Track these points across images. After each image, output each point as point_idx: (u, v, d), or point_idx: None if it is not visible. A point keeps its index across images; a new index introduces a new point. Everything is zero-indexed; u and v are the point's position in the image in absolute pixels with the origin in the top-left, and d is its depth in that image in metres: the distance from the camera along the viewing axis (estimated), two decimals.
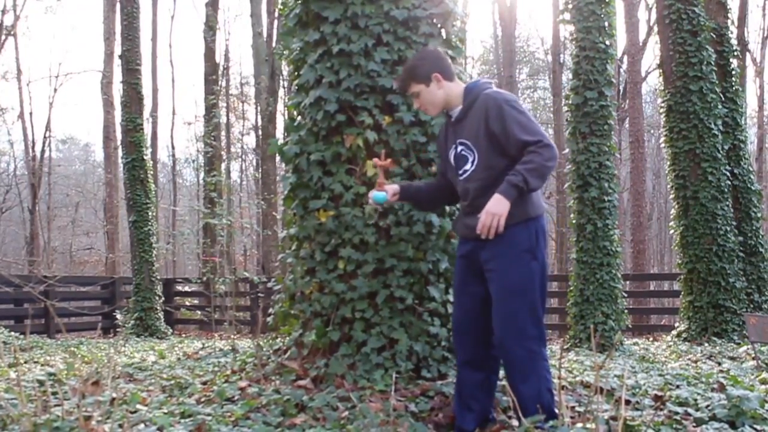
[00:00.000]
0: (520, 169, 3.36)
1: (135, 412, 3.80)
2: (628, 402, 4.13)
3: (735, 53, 11.38)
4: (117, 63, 18.40)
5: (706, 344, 9.62)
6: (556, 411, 3.38)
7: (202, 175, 24.68)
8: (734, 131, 10.96)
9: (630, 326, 10.43)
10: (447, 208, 4.35)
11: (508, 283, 3.45)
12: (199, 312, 16.04)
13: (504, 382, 3.70)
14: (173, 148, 31.96)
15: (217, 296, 8.64)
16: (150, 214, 14.64)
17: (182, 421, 3.60)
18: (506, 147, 3.47)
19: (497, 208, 3.35)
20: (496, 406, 3.89)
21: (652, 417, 3.80)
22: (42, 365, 6.83)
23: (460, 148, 3.63)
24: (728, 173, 10.58)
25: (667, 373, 5.66)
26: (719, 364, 7.34)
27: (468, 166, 3.60)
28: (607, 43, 9.65)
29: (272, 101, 18.83)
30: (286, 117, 4.81)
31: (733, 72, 11.26)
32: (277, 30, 19.93)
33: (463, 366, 3.69)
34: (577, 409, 3.94)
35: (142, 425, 3.48)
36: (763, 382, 5.48)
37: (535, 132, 3.43)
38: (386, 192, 3.77)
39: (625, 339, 10.40)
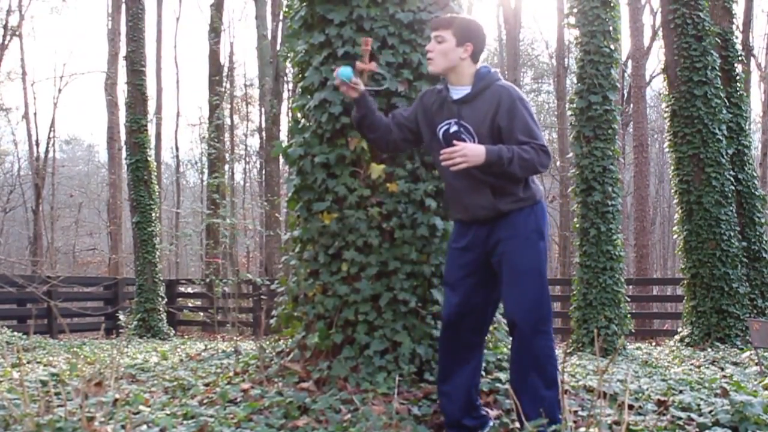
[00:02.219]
0: (516, 149, 3.42)
1: (137, 413, 3.80)
2: (631, 407, 4.12)
3: (740, 58, 11.37)
4: (122, 64, 18.40)
5: (709, 349, 9.60)
6: (559, 416, 3.37)
7: (205, 176, 24.69)
8: (738, 136, 10.95)
9: (633, 330, 10.40)
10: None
11: (522, 264, 3.50)
12: (201, 313, 16.09)
13: (506, 386, 3.69)
14: (177, 149, 31.96)
15: (219, 298, 8.66)
16: (153, 215, 14.65)
17: (185, 422, 3.60)
18: (506, 141, 3.50)
19: (473, 155, 3.40)
20: (499, 408, 3.89)
21: (655, 422, 3.79)
22: (45, 365, 6.84)
23: (456, 128, 3.63)
24: (732, 178, 10.57)
25: (670, 377, 5.65)
26: (722, 369, 7.32)
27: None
28: (612, 47, 9.64)
29: (276, 103, 18.86)
30: (291, 119, 4.82)
31: (738, 77, 11.25)
32: (281, 32, 19.96)
33: (456, 359, 3.70)
34: (580, 413, 3.94)
35: (144, 426, 3.49)
36: (766, 387, 5.47)
37: (540, 137, 3.50)
38: (355, 80, 3.77)
39: (628, 343, 10.38)
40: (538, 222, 3.57)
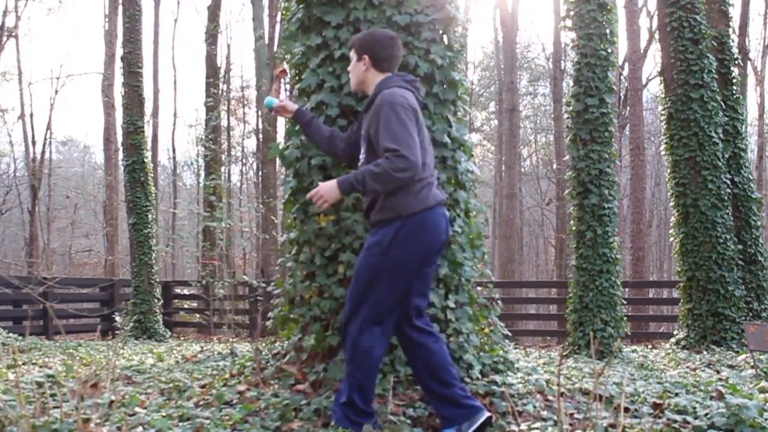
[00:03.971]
0: (365, 169, 3.49)
1: (133, 414, 3.80)
2: (626, 409, 4.13)
3: (736, 61, 11.39)
4: (118, 65, 18.38)
5: (705, 352, 9.61)
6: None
7: (202, 178, 24.70)
8: (735, 139, 10.96)
9: (629, 333, 10.41)
10: (448, 214, 4.35)
11: (355, 270, 3.63)
12: (197, 315, 16.06)
13: (503, 389, 3.69)
14: (174, 150, 31.97)
15: (216, 299, 8.65)
16: (150, 216, 14.63)
17: (180, 424, 3.60)
18: (377, 149, 3.55)
19: (326, 190, 3.60)
20: (496, 410, 3.89)
21: (650, 425, 3.80)
22: (41, 367, 6.83)
23: (357, 134, 3.85)
24: (728, 181, 10.58)
25: (666, 380, 5.66)
26: (718, 372, 7.33)
27: (361, 156, 3.73)
28: (609, 50, 9.66)
29: None
30: (287, 121, 4.81)
31: (734, 80, 11.27)
32: (279, 34, 19.96)
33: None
34: (576, 416, 3.94)
35: (140, 428, 3.49)
36: (762, 390, 5.48)
37: (400, 140, 3.44)
38: (279, 101, 4.03)
39: (624, 346, 10.39)
40: (389, 238, 3.52)
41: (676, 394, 4.76)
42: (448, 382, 3.58)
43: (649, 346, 11.98)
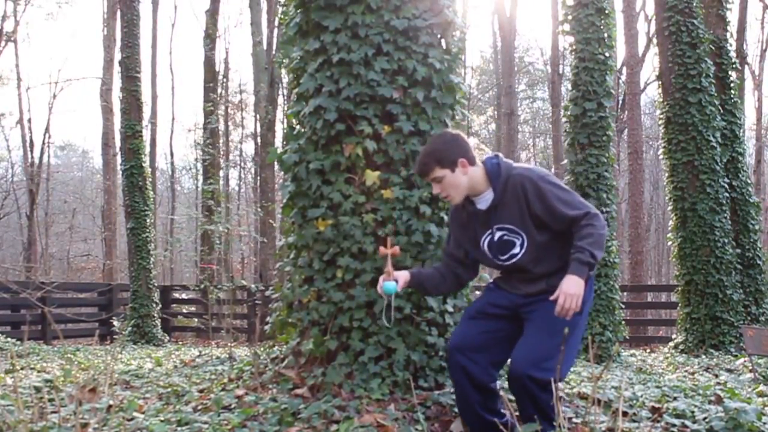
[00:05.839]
0: (583, 245, 3.30)
1: (132, 419, 3.79)
2: (625, 413, 4.12)
3: (734, 66, 11.42)
4: (117, 70, 18.44)
5: (704, 356, 9.62)
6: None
7: (200, 182, 24.70)
8: (732, 143, 10.99)
9: (627, 337, 10.42)
10: (445, 217, 4.35)
11: (548, 322, 3.38)
12: (196, 319, 16.05)
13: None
14: (172, 155, 31.98)
15: (214, 304, 8.65)
16: (148, 221, 14.64)
17: (179, 428, 3.60)
18: (551, 224, 3.43)
19: (574, 288, 3.25)
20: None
21: (649, 429, 3.80)
22: (39, 372, 6.82)
23: (500, 233, 3.52)
24: (726, 185, 10.60)
25: (665, 384, 5.66)
26: (716, 376, 7.34)
27: (517, 250, 3.51)
28: (607, 54, 9.67)
29: (271, 110, 18.85)
30: (286, 125, 4.82)
31: (732, 84, 11.30)
32: (277, 39, 19.97)
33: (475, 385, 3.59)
34: (575, 420, 3.94)
35: None
36: (760, 394, 5.48)
37: (580, 205, 3.40)
38: (396, 282, 3.64)
39: (623, 350, 10.40)
40: (588, 289, 3.44)
41: (675, 398, 4.75)
42: None
43: (648, 350, 11.98)
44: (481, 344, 3.54)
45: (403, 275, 3.68)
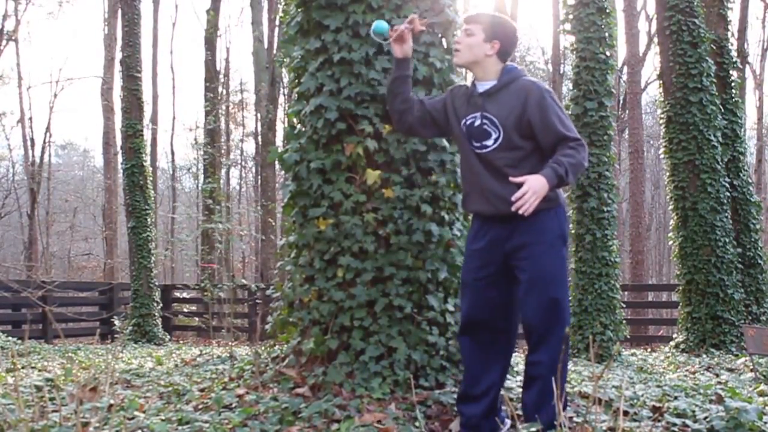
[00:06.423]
0: (564, 161, 3.37)
1: (132, 418, 3.79)
2: (626, 413, 4.12)
3: (735, 65, 11.41)
4: (118, 69, 18.43)
5: (704, 355, 9.62)
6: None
7: (201, 181, 24.70)
8: (733, 143, 10.98)
9: (628, 337, 10.42)
10: (446, 216, 4.35)
11: (545, 272, 3.46)
12: (197, 318, 16.06)
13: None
14: (173, 154, 32.01)
15: (215, 303, 8.65)
16: (149, 220, 14.64)
17: (180, 428, 3.59)
18: (539, 135, 3.48)
19: (538, 187, 3.29)
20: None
21: (650, 428, 3.79)
22: (39, 371, 6.82)
23: (481, 121, 3.58)
24: (727, 185, 10.59)
25: (665, 384, 5.66)
26: (717, 375, 7.33)
27: (489, 142, 3.56)
28: (608, 53, 9.68)
29: (272, 109, 18.87)
30: (286, 125, 4.81)
31: (733, 84, 11.29)
32: (277, 38, 19.98)
33: (482, 362, 3.65)
34: (575, 419, 3.93)
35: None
36: (761, 394, 5.48)
37: (573, 130, 3.49)
38: (395, 29, 3.79)
39: (624, 349, 10.40)
40: (562, 226, 3.54)
41: (676, 398, 4.75)
42: None
43: (649, 350, 11.98)
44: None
45: (409, 44, 3.86)
